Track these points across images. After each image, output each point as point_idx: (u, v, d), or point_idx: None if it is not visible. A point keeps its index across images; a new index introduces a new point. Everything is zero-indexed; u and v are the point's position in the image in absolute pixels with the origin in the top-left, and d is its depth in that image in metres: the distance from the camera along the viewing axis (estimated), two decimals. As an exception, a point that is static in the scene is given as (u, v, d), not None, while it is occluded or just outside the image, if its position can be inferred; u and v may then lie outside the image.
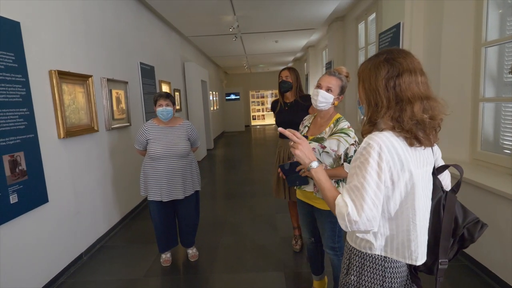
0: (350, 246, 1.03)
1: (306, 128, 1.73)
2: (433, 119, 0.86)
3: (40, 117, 2.18)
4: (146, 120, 4.03)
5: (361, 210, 0.83)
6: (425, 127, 0.86)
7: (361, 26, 5.03)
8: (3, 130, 1.85)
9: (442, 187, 0.95)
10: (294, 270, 2.34)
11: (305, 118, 1.84)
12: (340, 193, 0.91)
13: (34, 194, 2.09)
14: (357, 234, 0.97)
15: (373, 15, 4.44)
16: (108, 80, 3.16)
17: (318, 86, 1.57)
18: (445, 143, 2.64)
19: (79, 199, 2.62)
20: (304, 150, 1.00)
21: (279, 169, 1.63)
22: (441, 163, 1.00)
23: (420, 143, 0.86)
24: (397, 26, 3.06)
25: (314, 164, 0.98)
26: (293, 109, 2.40)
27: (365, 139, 0.88)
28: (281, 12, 4.93)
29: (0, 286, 1.81)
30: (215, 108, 10.40)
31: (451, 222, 0.92)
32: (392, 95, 0.86)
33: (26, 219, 2.03)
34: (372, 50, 4.55)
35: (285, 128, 2.54)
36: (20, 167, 1.97)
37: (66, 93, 2.46)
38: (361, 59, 5.03)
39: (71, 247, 2.50)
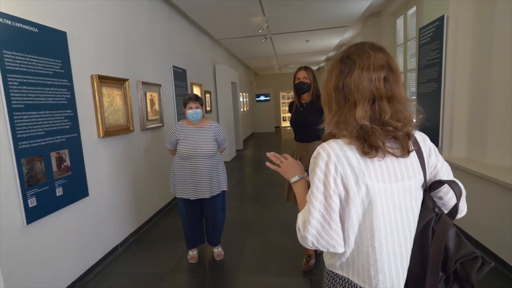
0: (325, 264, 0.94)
1: None
2: (386, 124, 0.72)
3: (83, 118, 2.36)
4: (178, 121, 4.20)
5: (308, 225, 0.76)
6: (371, 134, 0.72)
7: (400, 21, 4.82)
8: (51, 129, 2.04)
9: (434, 208, 0.80)
10: (320, 277, 2.30)
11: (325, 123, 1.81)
12: None
13: (77, 188, 2.28)
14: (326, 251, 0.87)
15: (414, 9, 4.24)
16: (143, 83, 3.34)
17: None
18: (496, 147, 2.46)
19: (115, 194, 2.80)
20: (285, 168, 1.00)
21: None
22: (444, 177, 0.84)
23: (376, 152, 0.72)
24: (440, 19, 2.88)
25: (294, 179, 0.95)
26: (308, 110, 2.32)
27: (317, 148, 0.79)
28: (312, 11, 4.87)
29: (46, 270, 2.00)
30: (245, 109, 10.52)
31: (439, 251, 0.75)
32: (341, 98, 0.77)
33: (69, 210, 2.21)
34: (412, 46, 4.33)
35: (299, 129, 2.47)
36: (65, 163, 2.16)
37: (105, 96, 2.64)
38: (400, 56, 4.81)
39: (107, 239, 2.68)
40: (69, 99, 2.22)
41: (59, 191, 2.10)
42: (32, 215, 1.88)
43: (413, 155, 0.80)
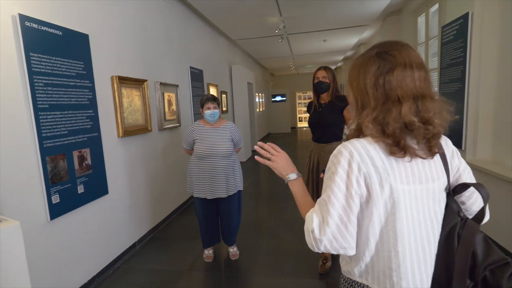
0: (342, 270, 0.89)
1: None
2: (427, 123, 0.71)
3: (103, 118, 2.43)
4: (195, 121, 4.25)
5: (326, 226, 0.72)
6: (414, 132, 0.70)
7: (421, 19, 4.68)
8: (74, 129, 2.12)
9: (459, 212, 0.77)
10: (337, 281, 2.26)
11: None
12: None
13: (97, 186, 2.35)
14: (343, 256, 0.83)
15: (436, 6, 4.10)
16: (161, 84, 3.40)
17: None
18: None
19: (133, 192, 2.87)
20: (279, 162, 0.92)
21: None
22: (467, 181, 0.82)
23: (405, 153, 0.70)
24: (465, 17, 2.77)
25: (292, 176, 0.89)
26: (327, 110, 2.28)
27: (338, 147, 0.76)
28: (329, 10, 4.81)
29: (68, 264, 2.07)
30: (261, 109, 10.52)
31: (466, 258, 0.72)
32: (380, 95, 0.73)
33: (89, 207, 2.28)
34: (434, 45, 4.19)
35: (318, 129, 2.43)
36: (86, 162, 2.23)
37: (124, 96, 2.71)
38: (421, 55, 4.66)
39: (126, 236, 2.75)
40: (91, 99, 2.29)
41: (80, 189, 2.18)
42: (55, 211, 1.95)
43: (437, 157, 0.77)
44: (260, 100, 10.55)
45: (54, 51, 1.97)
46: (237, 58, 7.48)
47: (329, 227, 0.72)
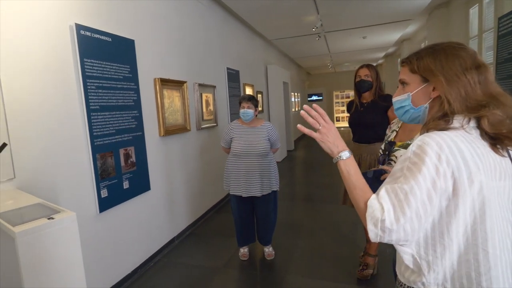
0: (400, 281, 0.80)
1: (394, 133, 1.57)
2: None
3: (146, 118, 2.57)
4: (231, 121, 4.33)
5: (402, 217, 0.66)
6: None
7: (473, 10, 4.31)
8: (121, 128, 2.27)
9: None
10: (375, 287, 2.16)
11: (393, 121, 1.68)
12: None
13: (140, 182, 2.49)
14: (406, 263, 0.74)
15: (491, -4, 3.75)
16: (199, 85, 3.51)
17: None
18: None
19: (173, 189, 2.99)
20: (329, 136, 0.80)
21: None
22: None
23: (502, 144, 0.70)
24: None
25: (345, 155, 0.78)
26: (369, 109, 2.18)
27: (420, 137, 0.70)
28: (370, 6, 4.60)
29: (114, 255, 2.22)
30: (296, 109, 10.41)
31: None
32: (478, 90, 0.72)
33: (133, 202, 2.43)
34: (489, 38, 3.84)
35: (359, 129, 2.32)
36: (131, 159, 2.38)
37: (166, 97, 2.84)
38: (474, 49, 4.28)
39: (166, 231, 2.87)
40: (136, 100, 2.43)
41: (125, 184, 2.32)
42: (104, 205, 2.11)
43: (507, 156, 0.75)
44: (296, 99, 10.44)
45: (104, 56, 2.12)
46: (273, 57, 7.48)
47: (405, 219, 0.66)
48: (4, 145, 1.49)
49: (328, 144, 0.81)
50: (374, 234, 0.69)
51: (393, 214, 0.67)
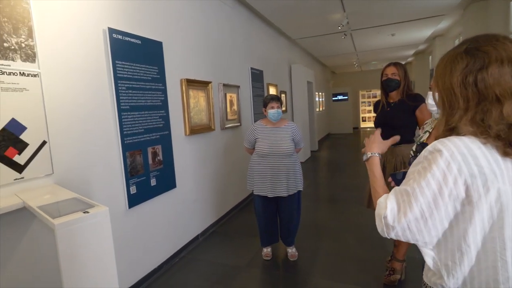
0: (424, 282, 0.82)
1: (427, 134, 1.50)
2: None
3: (173, 118, 2.65)
4: (255, 121, 4.35)
5: (403, 216, 0.70)
6: None
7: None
8: (149, 128, 2.35)
9: None
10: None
11: (426, 122, 1.60)
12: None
13: (167, 180, 2.56)
14: (428, 264, 0.77)
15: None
16: (224, 85, 3.56)
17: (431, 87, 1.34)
18: None
19: (198, 187, 3.06)
20: (369, 140, 1.00)
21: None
22: None
23: None
24: None
25: (369, 154, 0.95)
26: (396, 110, 2.09)
27: (434, 142, 0.71)
28: (399, 2, 4.44)
29: (141, 250, 2.31)
30: (320, 109, 10.25)
31: None
32: (471, 94, 0.70)
33: (160, 199, 2.51)
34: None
35: (385, 130, 2.28)
36: (158, 158, 2.45)
37: (191, 98, 2.91)
38: None
39: (191, 228, 2.94)
40: (163, 100, 2.51)
41: (153, 182, 2.40)
42: (133, 201, 2.19)
43: None
44: (320, 99, 10.28)
45: (134, 58, 2.21)
46: (297, 57, 7.42)
47: (406, 218, 0.70)
48: (44, 142, 1.60)
49: (366, 148, 0.99)
50: (380, 229, 0.75)
51: (396, 213, 0.72)
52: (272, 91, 5.37)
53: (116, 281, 1.14)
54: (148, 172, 2.35)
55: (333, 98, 12.52)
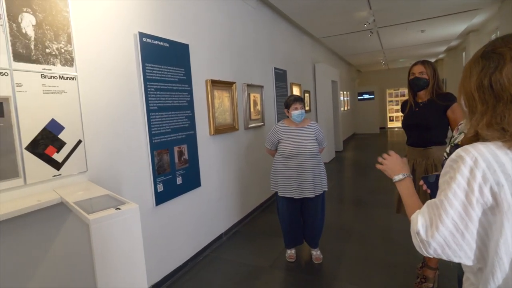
0: None
1: (462, 135, 1.41)
2: None
3: (198, 118, 2.70)
4: (278, 121, 4.33)
5: (436, 230, 0.69)
6: None
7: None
8: (175, 127, 2.41)
9: None
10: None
11: (461, 122, 1.52)
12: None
13: (192, 178, 2.62)
14: (467, 274, 0.75)
15: None
16: (248, 85, 3.57)
17: None
18: None
19: (222, 187, 3.09)
20: (388, 165, 1.01)
21: (422, 181, 1.40)
22: None
23: None
24: None
25: (397, 177, 0.96)
26: (426, 110, 1.97)
27: (457, 150, 0.70)
28: (430, -4, 4.24)
29: (167, 246, 2.37)
30: (345, 108, 10.03)
31: None
32: (488, 97, 0.69)
33: (185, 198, 2.56)
34: None
35: (413, 131, 2.15)
36: (183, 157, 2.51)
37: (216, 98, 2.95)
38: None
39: (215, 227, 2.98)
40: (189, 101, 2.57)
41: (179, 180, 2.46)
42: (160, 198, 2.26)
43: None
44: (345, 98, 10.05)
45: (162, 61, 2.27)
46: (321, 56, 7.30)
47: (438, 232, 0.69)
48: (80, 141, 1.69)
49: (387, 171, 1.02)
50: (417, 247, 0.74)
51: (428, 227, 0.71)
52: (296, 90, 5.32)
53: (145, 277, 1.18)
54: (174, 171, 2.41)
55: (359, 97, 12.20)
